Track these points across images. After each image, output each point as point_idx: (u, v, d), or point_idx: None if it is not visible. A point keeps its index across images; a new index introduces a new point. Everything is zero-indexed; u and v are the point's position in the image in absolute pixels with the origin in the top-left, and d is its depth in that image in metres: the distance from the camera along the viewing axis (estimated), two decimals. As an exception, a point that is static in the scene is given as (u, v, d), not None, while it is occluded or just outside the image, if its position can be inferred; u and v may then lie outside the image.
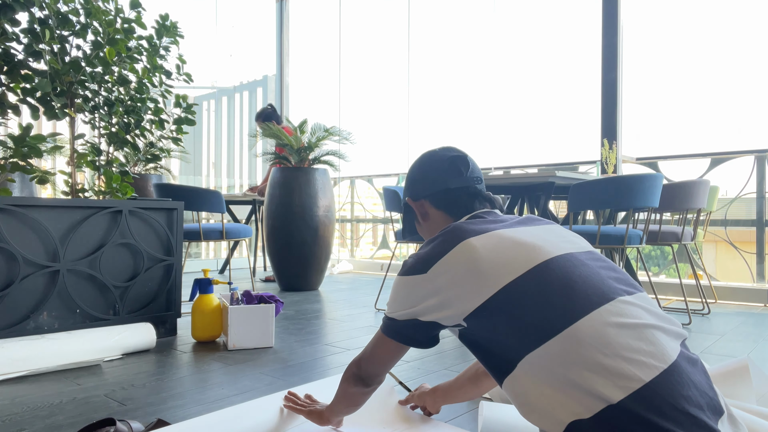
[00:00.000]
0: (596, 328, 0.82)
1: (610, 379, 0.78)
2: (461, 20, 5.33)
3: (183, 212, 2.50)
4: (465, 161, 1.17)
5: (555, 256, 0.92)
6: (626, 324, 0.83)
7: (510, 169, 4.76)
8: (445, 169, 1.15)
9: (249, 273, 5.14)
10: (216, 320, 2.33)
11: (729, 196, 3.96)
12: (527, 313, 0.86)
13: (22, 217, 2.03)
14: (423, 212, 1.18)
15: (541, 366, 0.84)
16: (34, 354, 1.86)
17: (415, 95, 5.51)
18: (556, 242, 0.97)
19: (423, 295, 0.97)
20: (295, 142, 4.02)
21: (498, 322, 0.89)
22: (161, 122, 2.67)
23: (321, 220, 3.94)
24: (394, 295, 1.03)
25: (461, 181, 1.14)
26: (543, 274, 0.89)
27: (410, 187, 1.20)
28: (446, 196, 1.14)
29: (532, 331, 0.85)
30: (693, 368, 0.83)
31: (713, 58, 4.11)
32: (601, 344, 0.81)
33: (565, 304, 0.85)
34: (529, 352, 0.85)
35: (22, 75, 2.28)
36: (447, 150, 1.20)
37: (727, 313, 3.19)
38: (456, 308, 0.93)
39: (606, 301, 0.86)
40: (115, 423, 1.17)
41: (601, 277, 0.91)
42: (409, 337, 1.02)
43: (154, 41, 2.57)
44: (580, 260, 0.93)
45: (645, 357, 0.80)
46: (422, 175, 1.18)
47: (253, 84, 6.64)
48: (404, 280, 1.01)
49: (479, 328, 0.92)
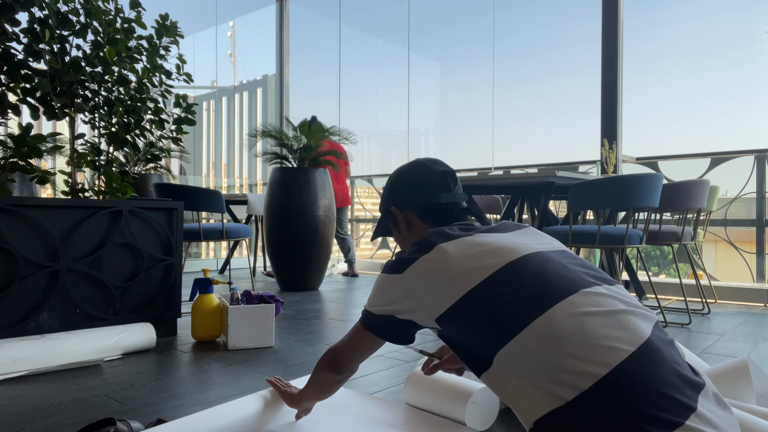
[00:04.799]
0: (566, 317, 0.84)
1: (580, 367, 0.79)
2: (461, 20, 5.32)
3: (183, 212, 2.50)
4: (454, 177, 1.19)
5: (526, 254, 0.94)
6: (596, 312, 0.85)
7: (510, 169, 4.76)
8: (436, 184, 1.16)
9: (249, 273, 5.14)
10: (216, 320, 2.33)
11: (729, 196, 3.96)
12: (498, 310, 0.88)
13: (22, 217, 2.03)
14: (408, 223, 1.19)
15: (515, 359, 0.85)
16: (34, 354, 1.86)
17: (415, 95, 5.51)
18: (528, 243, 0.99)
19: (398, 295, 1.00)
20: (296, 142, 4.02)
21: (469, 323, 0.91)
22: (161, 122, 2.67)
23: (321, 220, 3.94)
24: (374, 291, 1.07)
25: (450, 196, 1.17)
26: (514, 270, 0.91)
27: (397, 197, 1.20)
28: (435, 210, 1.16)
29: (503, 326, 0.87)
30: (668, 348, 0.84)
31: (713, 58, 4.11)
32: (570, 333, 0.82)
33: (536, 297, 0.87)
34: (502, 347, 0.87)
35: (22, 75, 2.28)
36: (436, 164, 1.20)
37: (727, 313, 3.19)
38: (428, 311, 0.96)
39: (575, 292, 0.87)
40: (115, 423, 1.17)
41: (571, 270, 0.93)
42: (385, 331, 1.06)
43: (154, 41, 2.57)
44: (551, 257, 0.95)
45: (614, 342, 0.81)
46: (410, 187, 1.18)
47: (253, 84, 6.64)
48: (383, 278, 1.04)
49: (452, 329, 0.95)
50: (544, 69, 4.80)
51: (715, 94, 4.08)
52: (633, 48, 4.03)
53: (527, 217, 3.52)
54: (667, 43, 4.28)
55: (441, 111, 5.76)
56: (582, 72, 4.39)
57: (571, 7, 4.64)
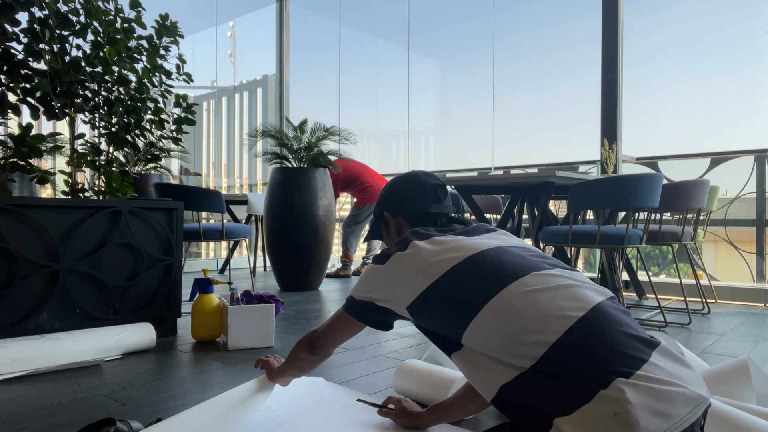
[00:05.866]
0: (518, 294, 0.92)
1: (534, 338, 0.87)
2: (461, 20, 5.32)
3: (183, 212, 2.50)
4: (444, 190, 1.31)
5: (486, 249, 1.04)
6: (546, 288, 0.93)
7: (510, 169, 4.76)
8: (427, 195, 1.29)
9: (249, 273, 5.14)
10: (216, 320, 2.33)
11: (729, 196, 3.96)
12: (460, 296, 0.97)
13: (22, 217, 2.03)
14: (398, 227, 1.30)
15: (479, 337, 0.94)
16: (34, 354, 1.86)
17: (415, 95, 5.51)
18: (491, 242, 1.08)
19: (378, 285, 1.11)
20: (296, 142, 4.02)
21: (436, 310, 1.01)
22: (161, 122, 2.67)
23: (321, 220, 3.94)
24: (360, 278, 1.17)
25: (439, 207, 1.29)
26: (473, 262, 1.01)
27: (390, 203, 1.32)
28: (423, 218, 1.28)
29: (466, 308, 0.96)
30: (620, 314, 0.90)
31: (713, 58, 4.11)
32: (522, 308, 0.90)
33: (491, 280, 0.96)
34: (466, 328, 0.96)
35: (22, 75, 2.28)
36: (430, 176, 1.33)
37: (727, 313, 3.19)
38: (401, 300, 1.07)
39: (527, 274, 0.96)
40: (115, 423, 1.17)
41: (526, 258, 1.02)
42: (366, 316, 1.15)
43: (154, 41, 2.57)
44: (509, 250, 1.05)
45: (564, 311, 0.88)
46: (404, 196, 1.30)
47: (253, 84, 6.64)
48: (369, 268, 1.16)
49: (422, 317, 1.05)
50: (544, 69, 4.80)
51: (715, 94, 4.08)
52: (633, 48, 4.03)
53: (527, 217, 3.52)
54: (667, 43, 4.28)
55: (441, 111, 5.76)
56: (582, 72, 4.39)
57: (571, 7, 4.64)
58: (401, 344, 2.32)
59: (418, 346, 2.28)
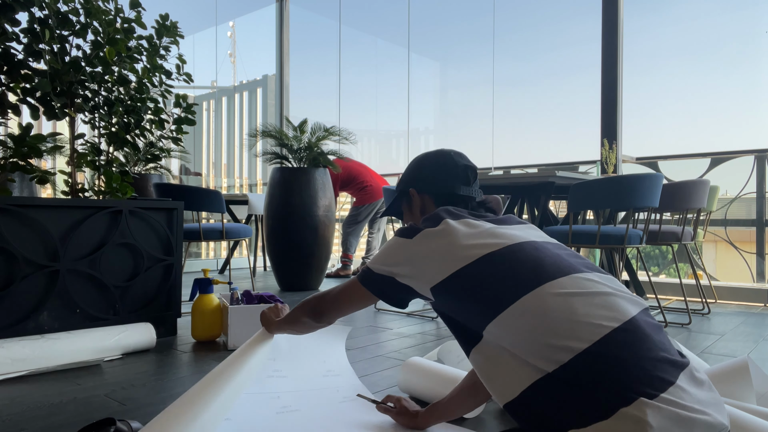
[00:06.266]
0: (554, 296, 0.88)
1: (563, 342, 0.83)
2: (461, 20, 5.32)
3: (183, 212, 2.50)
4: (475, 173, 1.26)
5: (523, 241, 1.00)
6: (583, 293, 0.89)
7: (510, 169, 4.76)
8: (457, 175, 1.23)
9: (249, 273, 5.14)
10: (216, 320, 2.33)
11: (729, 196, 3.96)
12: (491, 286, 0.93)
13: (22, 217, 2.03)
14: (422, 206, 1.25)
15: (504, 332, 0.90)
16: (34, 354, 1.86)
17: (415, 95, 5.51)
18: (527, 235, 1.04)
19: (402, 259, 1.06)
20: (296, 142, 4.02)
21: (463, 295, 0.96)
22: (161, 122, 2.67)
23: (321, 220, 3.94)
24: (382, 251, 1.12)
25: (468, 190, 1.23)
26: (510, 253, 0.97)
27: (417, 180, 1.27)
28: (451, 199, 1.22)
29: (495, 300, 0.92)
30: (653, 330, 0.87)
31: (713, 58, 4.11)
32: (556, 309, 0.87)
33: (527, 275, 0.92)
34: (492, 320, 0.92)
35: (22, 75, 2.28)
36: (461, 157, 1.27)
37: (727, 313, 3.19)
38: (425, 279, 1.02)
39: (566, 275, 0.92)
40: (115, 423, 1.17)
41: (564, 259, 0.98)
42: (382, 290, 1.10)
43: (154, 41, 2.57)
44: (547, 247, 1.01)
45: (598, 320, 0.85)
46: (433, 173, 1.25)
47: (253, 84, 6.64)
48: (393, 241, 1.10)
49: (445, 300, 1.00)
50: (544, 69, 4.81)
51: (716, 94, 4.08)
52: (633, 48, 4.03)
53: (527, 217, 3.52)
54: (667, 43, 4.28)
55: (441, 111, 5.76)
56: (582, 72, 4.39)
57: (571, 7, 4.64)
58: (401, 344, 2.32)
59: (418, 346, 2.28)
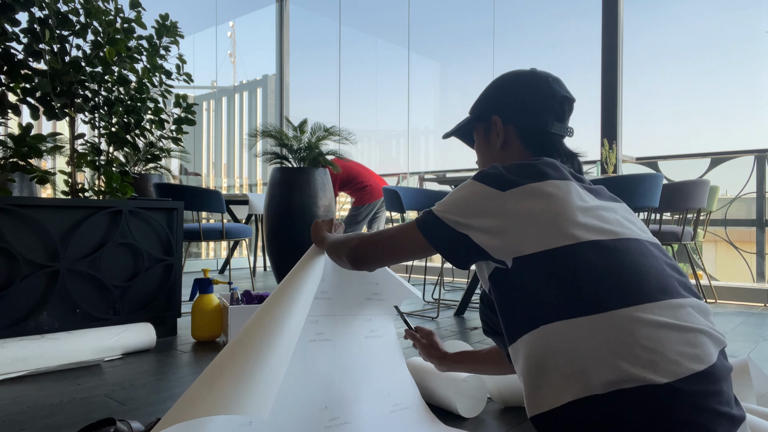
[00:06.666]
0: (647, 322, 0.77)
1: (637, 371, 0.74)
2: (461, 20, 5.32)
3: (183, 212, 2.50)
4: (571, 107, 1.06)
5: (630, 237, 0.86)
6: (677, 326, 0.78)
7: (510, 169, 4.76)
8: (553, 108, 1.03)
9: (249, 273, 5.14)
10: (216, 320, 2.33)
11: (729, 196, 3.96)
12: (584, 282, 0.80)
13: (22, 217, 2.03)
14: (504, 138, 1.05)
15: (568, 336, 0.78)
16: (34, 354, 1.86)
17: (415, 95, 5.51)
18: (631, 229, 0.89)
19: (487, 212, 0.87)
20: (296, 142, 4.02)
21: (544, 278, 0.82)
22: (161, 122, 2.67)
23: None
24: (456, 196, 0.91)
25: (561, 127, 1.04)
26: (617, 251, 0.83)
27: (504, 105, 1.06)
28: (539, 136, 1.03)
29: (580, 300, 0.79)
30: (725, 377, 0.80)
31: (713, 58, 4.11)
32: (645, 337, 0.76)
33: (628, 288, 0.79)
34: (563, 320, 0.79)
35: (22, 75, 2.28)
36: (558, 84, 1.06)
37: (727, 313, 3.19)
38: (513, 243, 0.84)
39: (665, 299, 0.81)
40: (115, 423, 1.17)
41: (667, 274, 0.85)
42: (445, 244, 0.90)
43: (154, 41, 2.57)
44: (651, 251, 0.87)
45: (682, 358, 0.76)
46: (524, 102, 1.04)
47: (253, 84, 6.64)
48: (476, 187, 0.89)
49: (522, 275, 0.84)
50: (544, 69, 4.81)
51: (715, 94, 4.08)
52: (633, 48, 4.03)
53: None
54: (667, 43, 4.28)
55: (441, 111, 5.76)
56: (582, 72, 4.39)
57: (571, 7, 4.64)
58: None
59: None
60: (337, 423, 1.19)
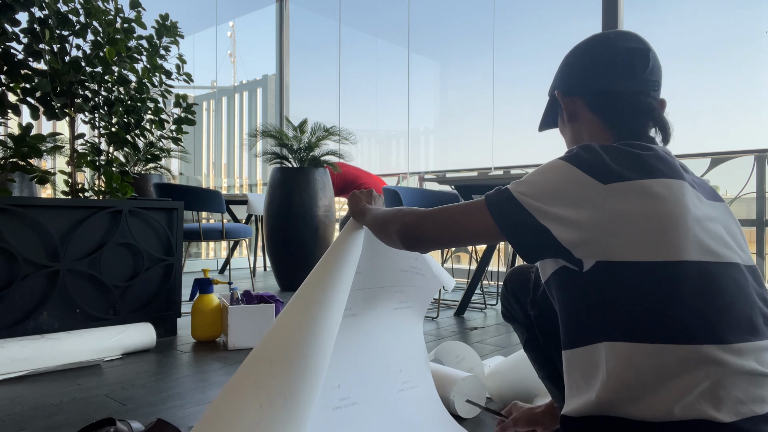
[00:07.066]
0: (727, 361, 0.70)
1: (702, 405, 0.68)
2: (461, 20, 5.33)
3: (183, 212, 2.50)
4: (645, 57, 0.89)
5: (731, 262, 0.76)
6: (755, 372, 0.71)
7: (510, 169, 4.76)
8: (615, 64, 0.88)
9: (249, 273, 5.14)
10: (216, 320, 2.33)
11: (729, 196, 3.96)
12: (676, 306, 0.71)
13: (22, 217, 2.03)
14: (572, 111, 0.94)
15: (639, 360, 0.71)
16: (34, 354, 1.86)
17: (415, 95, 5.51)
18: (731, 241, 0.80)
19: (581, 205, 0.74)
20: (296, 142, 4.02)
21: (636, 290, 0.71)
22: (161, 122, 2.67)
23: (321, 220, 3.94)
24: (542, 177, 0.78)
25: (632, 83, 0.88)
26: (717, 276, 0.73)
27: (564, 77, 0.96)
28: (607, 100, 0.89)
29: (664, 324, 0.70)
30: None
31: (713, 58, 4.12)
32: (722, 375, 0.69)
33: (715, 322, 0.71)
34: (638, 342, 0.70)
35: (22, 75, 2.28)
36: (624, 37, 0.90)
37: (727, 313, 3.18)
38: (604, 246, 0.73)
39: (750, 341, 0.72)
40: (115, 423, 1.17)
41: (756, 308, 0.76)
42: (518, 234, 0.77)
43: (154, 41, 2.57)
44: (746, 278, 0.77)
45: (750, 402, 0.70)
46: (583, 66, 0.92)
47: (253, 84, 6.64)
48: (571, 172, 0.76)
49: (602, 281, 0.74)
50: (544, 69, 4.80)
51: (715, 94, 4.08)
52: (633, 48, 4.02)
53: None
54: (667, 43, 4.28)
55: (441, 111, 5.76)
56: (582, 72, 4.39)
57: (571, 7, 4.64)
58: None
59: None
60: (346, 403, 1.17)
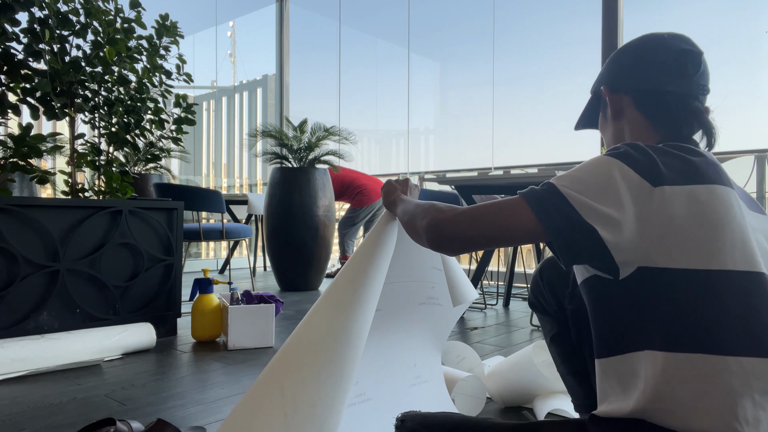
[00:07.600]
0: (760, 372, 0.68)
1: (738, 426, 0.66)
2: (461, 20, 5.33)
3: (183, 212, 2.50)
4: (697, 60, 0.90)
5: (761, 272, 0.73)
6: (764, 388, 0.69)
7: (510, 169, 4.77)
8: (667, 64, 0.88)
9: (249, 273, 5.14)
10: (216, 320, 2.33)
11: (729, 196, 3.96)
12: (720, 316, 0.68)
13: (22, 217, 2.03)
14: (617, 109, 0.93)
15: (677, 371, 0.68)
16: (34, 354, 1.86)
17: (415, 95, 5.52)
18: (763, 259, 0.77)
19: (630, 205, 0.71)
20: (296, 142, 4.02)
21: (677, 298, 0.69)
22: (161, 122, 2.67)
23: (321, 220, 3.94)
24: (590, 172, 0.74)
25: (683, 85, 0.88)
26: (760, 287, 0.71)
27: (612, 74, 0.94)
28: (656, 99, 0.88)
29: (705, 334, 0.68)
30: None
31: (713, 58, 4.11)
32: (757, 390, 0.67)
33: (751, 333, 0.69)
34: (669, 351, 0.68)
35: (22, 75, 2.28)
36: (678, 39, 0.91)
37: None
38: (648, 250, 0.70)
39: None
40: (115, 423, 1.17)
41: None
42: (562, 231, 0.71)
43: (154, 41, 2.57)
44: None
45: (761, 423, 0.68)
46: (633, 63, 0.91)
47: (253, 84, 6.64)
48: (620, 169, 0.73)
49: (641, 288, 0.71)
50: (544, 69, 4.81)
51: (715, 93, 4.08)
52: (633, 48, 4.03)
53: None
54: (667, 43, 4.28)
55: (441, 111, 5.76)
56: (582, 72, 4.39)
57: (571, 7, 4.64)
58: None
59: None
60: (361, 400, 1.16)
